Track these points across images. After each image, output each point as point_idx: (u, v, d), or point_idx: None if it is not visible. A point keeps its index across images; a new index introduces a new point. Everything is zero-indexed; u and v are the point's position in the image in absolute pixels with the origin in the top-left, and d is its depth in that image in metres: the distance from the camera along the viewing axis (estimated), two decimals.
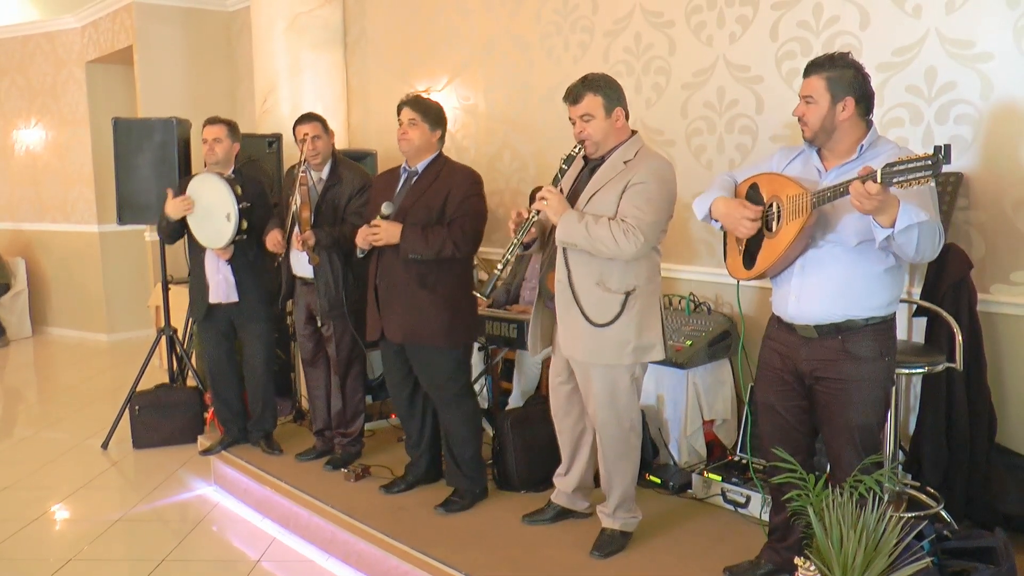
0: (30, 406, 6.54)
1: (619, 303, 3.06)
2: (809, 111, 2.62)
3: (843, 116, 2.59)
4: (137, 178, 5.07)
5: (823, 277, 2.62)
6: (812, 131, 2.64)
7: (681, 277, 4.40)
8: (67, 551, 3.89)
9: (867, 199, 2.28)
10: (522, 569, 3.19)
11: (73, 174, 8.59)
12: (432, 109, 3.69)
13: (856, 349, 2.62)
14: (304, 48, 6.01)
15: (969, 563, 2.63)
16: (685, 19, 4.28)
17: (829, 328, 2.64)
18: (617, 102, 3.11)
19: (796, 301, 2.68)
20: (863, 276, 2.59)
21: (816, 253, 2.63)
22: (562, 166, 3.15)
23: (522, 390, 4.68)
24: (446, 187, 3.62)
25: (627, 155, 3.11)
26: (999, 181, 3.30)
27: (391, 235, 3.54)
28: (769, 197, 2.69)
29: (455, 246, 3.53)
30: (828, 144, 2.66)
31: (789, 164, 2.79)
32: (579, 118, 3.10)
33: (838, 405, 2.66)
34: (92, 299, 8.64)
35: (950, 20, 3.38)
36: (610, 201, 3.03)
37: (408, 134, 3.64)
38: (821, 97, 2.59)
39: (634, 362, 3.13)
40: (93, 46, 8.22)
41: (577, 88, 3.10)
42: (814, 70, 2.62)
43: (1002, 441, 3.36)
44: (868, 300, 2.60)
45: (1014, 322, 3.34)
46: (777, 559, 2.96)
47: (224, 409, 4.69)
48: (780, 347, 2.80)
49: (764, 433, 2.92)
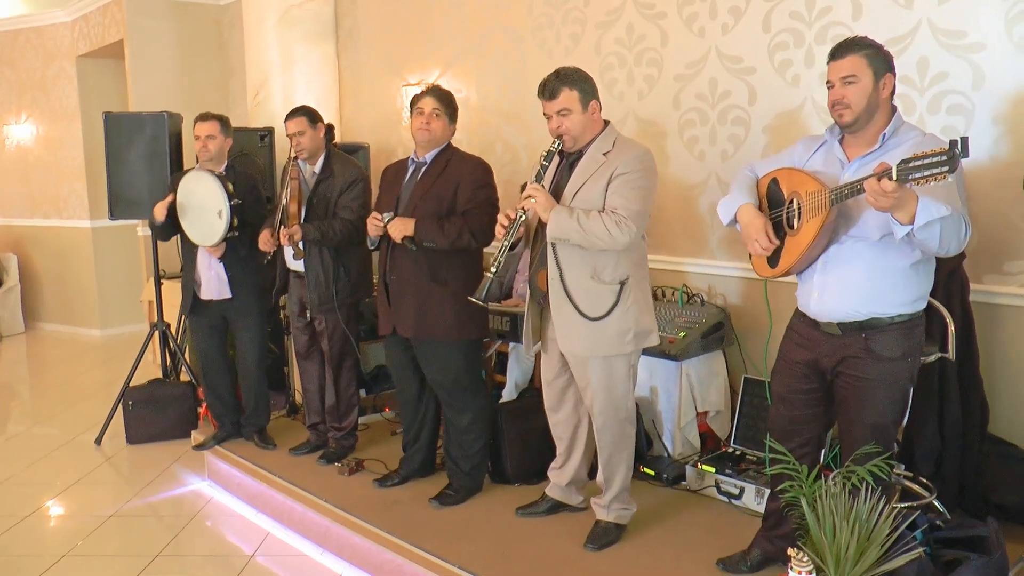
0: (23, 402, 6.52)
1: (614, 294, 3.06)
2: (851, 92, 2.52)
3: (884, 94, 2.53)
4: (129, 172, 5.06)
5: (845, 274, 2.58)
6: (855, 113, 2.53)
7: (674, 269, 4.40)
8: (61, 547, 3.89)
9: (883, 197, 2.22)
10: (516, 562, 3.19)
11: (64, 169, 8.55)
12: (453, 102, 3.68)
13: (879, 348, 2.57)
14: (296, 41, 5.99)
15: (961, 552, 2.64)
16: (677, 10, 4.26)
17: (852, 326, 2.60)
18: (592, 95, 3.11)
19: (819, 298, 2.65)
20: (888, 271, 2.53)
21: (838, 249, 2.59)
22: (542, 162, 3.13)
23: (516, 383, 4.67)
24: (456, 177, 3.60)
25: (605, 146, 3.10)
26: (991, 171, 3.30)
27: (404, 226, 3.51)
28: (789, 193, 2.66)
29: (472, 236, 3.51)
30: (858, 130, 2.58)
31: (812, 156, 2.74)
32: (556, 113, 3.08)
33: (856, 402, 2.64)
34: (84, 294, 8.62)
35: (942, 10, 3.38)
36: (596, 194, 3.03)
37: (431, 124, 3.59)
38: (864, 74, 2.50)
39: (635, 349, 3.14)
40: (84, 40, 8.18)
41: (552, 83, 3.07)
42: (851, 50, 2.53)
43: (994, 431, 3.37)
44: (893, 296, 2.55)
45: (1006, 312, 3.35)
46: (769, 548, 2.96)
47: (217, 404, 4.68)
48: (803, 340, 2.76)
49: (774, 423, 2.90)
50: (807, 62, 3.79)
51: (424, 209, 3.56)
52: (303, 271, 4.14)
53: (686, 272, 4.36)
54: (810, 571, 2.32)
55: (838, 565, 2.33)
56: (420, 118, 3.61)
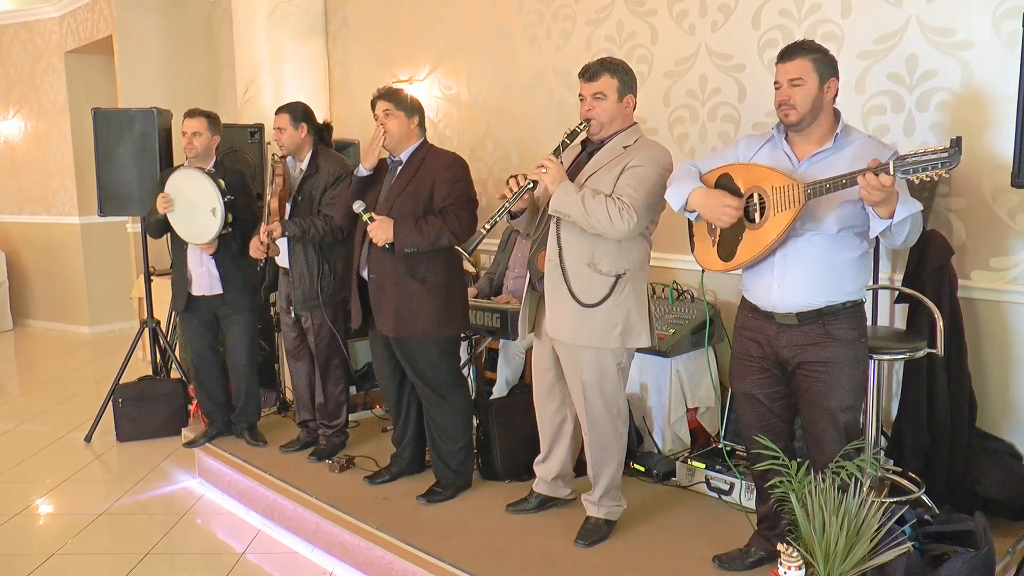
0: (12, 399, 6.48)
1: (608, 285, 3.07)
2: (797, 93, 2.61)
3: (829, 97, 2.63)
4: (118, 169, 5.03)
5: (807, 266, 2.64)
6: (800, 114, 2.62)
7: (664, 265, 4.40)
8: (51, 545, 3.87)
9: (878, 191, 2.32)
10: (506, 558, 3.19)
11: (53, 165, 8.52)
12: (404, 97, 3.67)
13: (837, 332, 2.66)
14: (285, 37, 5.97)
15: (949, 547, 2.66)
16: (667, 7, 4.27)
17: (810, 314, 2.67)
18: (630, 89, 3.14)
19: (779, 290, 2.69)
20: (841, 263, 2.64)
21: (797, 243, 2.64)
22: (564, 139, 3.15)
23: (506, 379, 4.68)
24: (431, 175, 3.60)
25: (627, 141, 3.13)
26: (979, 168, 3.32)
27: (384, 232, 3.51)
28: (748, 188, 2.68)
29: (452, 235, 3.50)
30: (805, 130, 2.66)
31: (756, 153, 2.79)
32: (591, 96, 3.11)
33: (821, 387, 2.69)
34: (74, 291, 8.58)
35: (931, 8, 3.39)
36: (607, 181, 3.05)
37: (386, 125, 3.63)
38: (810, 78, 2.60)
39: (620, 346, 3.13)
40: (72, 36, 8.14)
41: (595, 66, 3.11)
42: (799, 53, 2.63)
43: (982, 426, 3.39)
44: (844, 285, 2.66)
45: (994, 308, 3.37)
46: (767, 546, 2.97)
47: (208, 401, 4.66)
48: (757, 335, 2.80)
49: (745, 422, 2.93)
50: None
51: (401, 208, 3.56)
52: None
53: (676, 269, 4.37)
54: (799, 566, 2.34)
55: (827, 560, 2.35)
56: (376, 124, 3.66)
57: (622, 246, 3.07)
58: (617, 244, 3.06)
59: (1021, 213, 3.26)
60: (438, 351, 3.67)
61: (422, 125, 3.72)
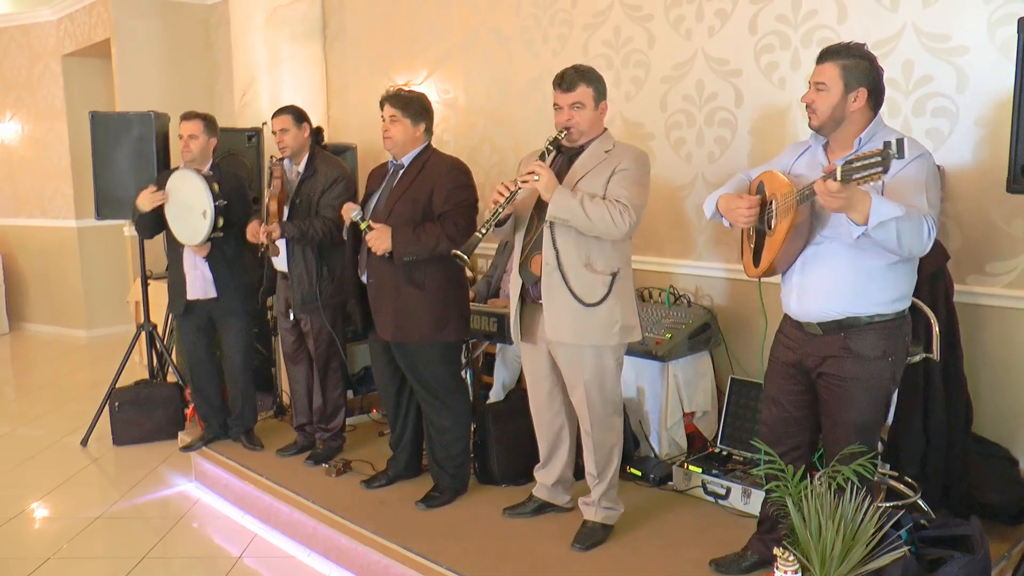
0: (8, 403, 6.47)
1: (606, 284, 3.11)
2: (819, 98, 2.57)
3: (854, 107, 2.56)
4: (115, 172, 5.03)
5: (823, 274, 2.61)
6: (820, 120, 2.59)
7: (661, 270, 4.41)
8: (46, 549, 3.87)
9: (831, 198, 2.27)
10: (504, 562, 3.19)
11: (50, 168, 8.51)
12: (413, 102, 3.64)
13: (858, 347, 2.59)
14: (283, 41, 5.98)
15: (945, 551, 2.65)
16: (664, 13, 4.28)
17: (832, 325, 2.62)
18: (604, 95, 3.20)
19: (797, 299, 2.69)
20: (864, 272, 2.55)
21: (815, 250, 2.62)
22: (549, 147, 3.17)
23: (503, 384, 4.68)
24: (431, 180, 3.59)
25: (606, 146, 3.19)
26: (975, 173, 3.33)
27: (383, 241, 3.50)
28: (769, 195, 2.70)
29: (450, 241, 3.47)
30: (834, 135, 2.63)
31: (796, 161, 2.78)
32: (568, 106, 3.14)
33: (837, 402, 2.66)
34: (70, 295, 8.57)
35: (926, 14, 3.40)
36: (598, 185, 3.09)
37: (390, 131, 3.61)
38: (834, 85, 2.55)
39: (620, 343, 3.17)
40: (69, 39, 8.13)
41: (572, 76, 3.13)
42: (829, 57, 2.57)
43: (978, 431, 3.39)
44: (870, 296, 2.57)
45: (989, 312, 3.37)
46: (764, 550, 2.97)
47: (204, 405, 4.66)
48: (790, 342, 2.79)
49: (767, 426, 2.92)
50: (793, 65, 3.82)
51: (399, 213, 3.55)
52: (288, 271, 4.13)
53: (673, 273, 4.38)
54: (796, 570, 2.34)
55: (823, 564, 2.35)
56: (382, 125, 3.64)
57: (615, 246, 3.13)
58: (611, 244, 3.11)
59: (1016, 218, 3.26)
60: (438, 356, 3.67)
61: (428, 131, 3.70)
